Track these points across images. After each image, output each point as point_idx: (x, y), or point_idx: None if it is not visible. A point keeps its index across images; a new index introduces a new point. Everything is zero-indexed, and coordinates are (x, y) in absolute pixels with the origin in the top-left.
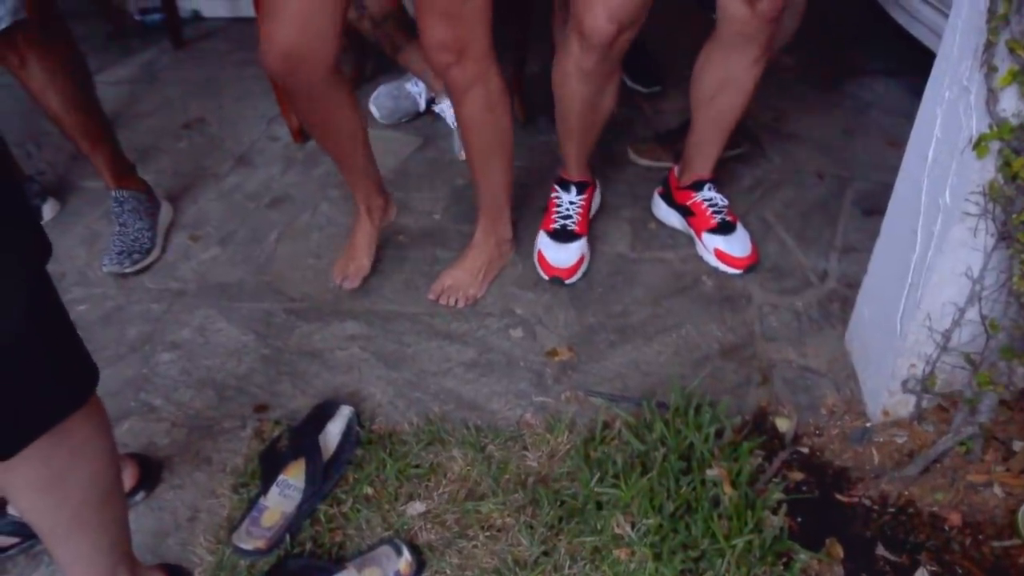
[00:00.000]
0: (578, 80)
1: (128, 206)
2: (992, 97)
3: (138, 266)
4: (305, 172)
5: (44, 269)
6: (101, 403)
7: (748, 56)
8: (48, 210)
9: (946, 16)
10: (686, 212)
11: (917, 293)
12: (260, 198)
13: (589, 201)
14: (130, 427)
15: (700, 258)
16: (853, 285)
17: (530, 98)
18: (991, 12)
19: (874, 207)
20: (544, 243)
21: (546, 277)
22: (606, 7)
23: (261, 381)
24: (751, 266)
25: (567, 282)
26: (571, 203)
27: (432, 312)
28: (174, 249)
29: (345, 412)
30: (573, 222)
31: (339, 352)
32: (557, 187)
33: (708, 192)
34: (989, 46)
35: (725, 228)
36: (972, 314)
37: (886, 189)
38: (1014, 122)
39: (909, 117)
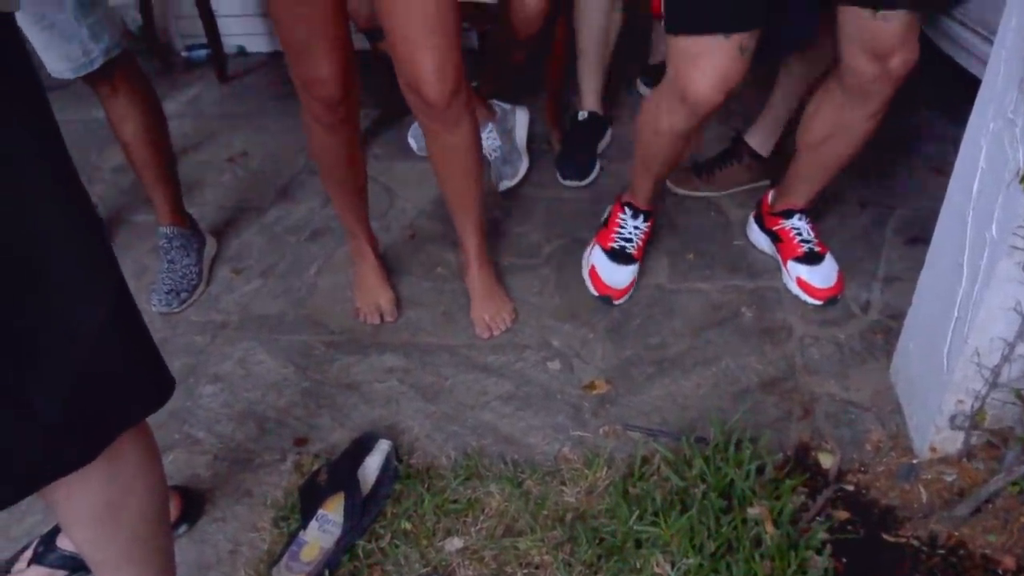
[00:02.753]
0: (670, 138)
1: (177, 242)
2: None
3: (186, 304)
4: None
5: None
6: (152, 435)
7: (866, 110)
8: None
9: (989, 42)
10: (775, 238)
11: (964, 328)
12: (300, 231)
13: (650, 230)
14: (174, 459)
15: (784, 287)
16: (897, 316)
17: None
18: None
19: (917, 236)
20: (599, 260)
21: (595, 294)
22: (719, 76)
23: (301, 414)
24: (832, 298)
25: (616, 303)
26: (636, 228)
27: (470, 344)
28: (217, 282)
29: (383, 446)
30: (633, 246)
31: (377, 385)
32: (625, 208)
33: (797, 221)
34: None
35: (811, 258)
36: (1022, 349)
37: (929, 218)
38: None
39: (952, 144)
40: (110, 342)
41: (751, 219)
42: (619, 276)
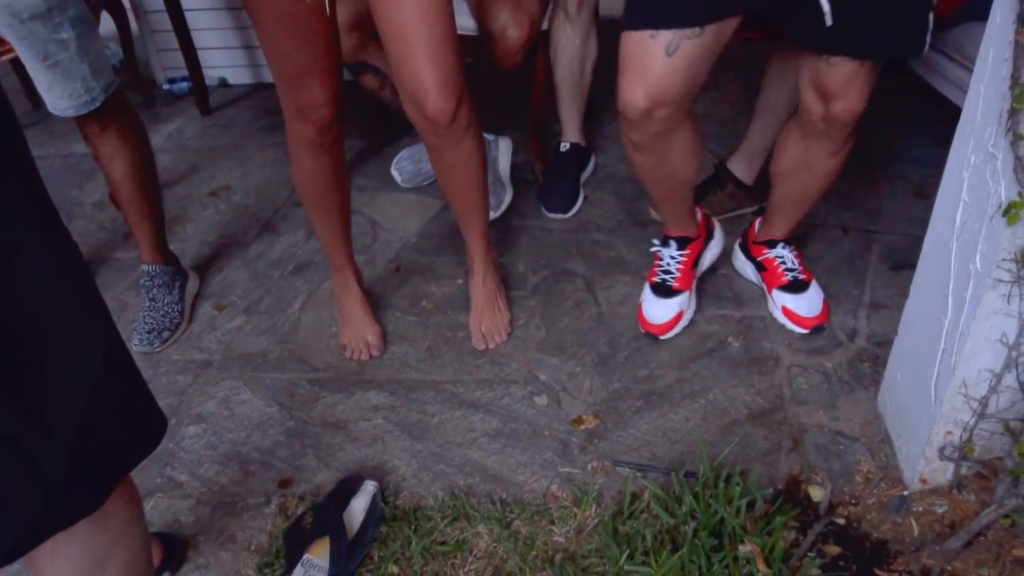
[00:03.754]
0: (633, 151)
1: (159, 280)
2: (1019, 164)
3: (167, 343)
4: None
5: (111, 319)
6: (133, 482)
7: (824, 148)
8: None
9: (969, 71)
10: (759, 267)
11: (951, 359)
12: (284, 265)
13: (694, 254)
14: (155, 504)
15: (770, 315)
16: (883, 344)
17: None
18: (1014, 79)
19: (902, 262)
20: (645, 296)
21: (641, 331)
22: (643, 81)
23: (285, 455)
24: (818, 326)
25: (661, 338)
26: (672, 258)
27: (456, 380)
28: (200, 319)
29: (369, 488)
30: (673, 277)
31: (363, 423)
32: (659, 245)
33: (781, 250)
34: (1014, 113)
35: (796, 287)
36: (1009, 380)
37: (913, 242)
38: None
39: (933, 167)
40: (107, 386)
41: (736, 247)
42: (661, 311)
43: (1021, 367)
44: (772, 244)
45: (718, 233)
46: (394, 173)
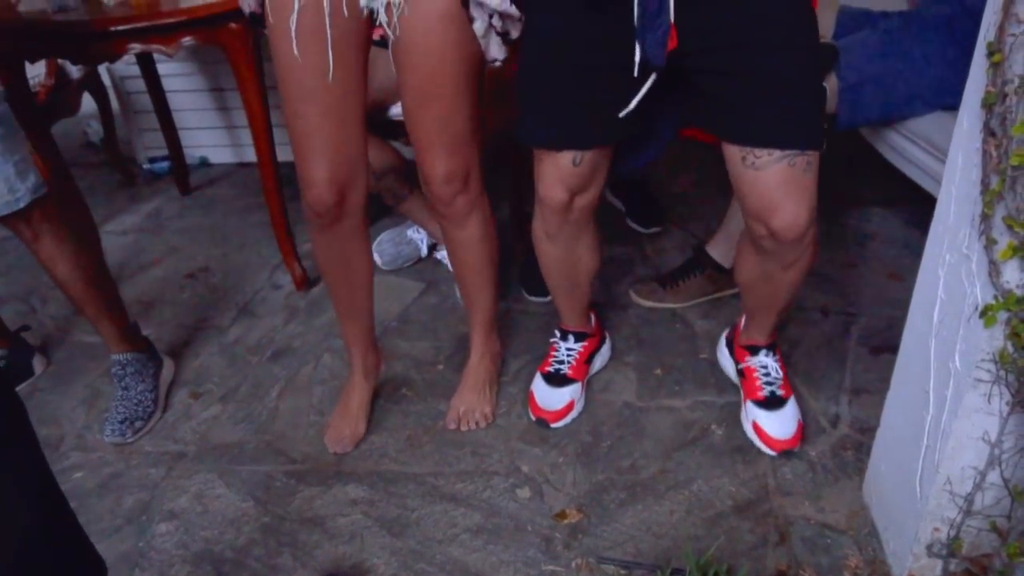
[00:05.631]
0: (546, 241)
1: (131, 368)
2: (994, 268)
3: (140, 433)
4: (307, 322)
5: (46, 465)
6: None
7: (778, 262)
8: (37, 365)
9: (937, 159)
10: (740, 373)
11: (935, 456)
12: (262, 351)
13: (589, 349)
14: None
15: (741, 426)
16: (866, 430)
17: None
18: (984, 184)
19: (882, 345)
20: (537, 384)
21: (532, 418)
22: (557, 179)
23: (260, 554)
24: (787, 451)
25: (552, 426)
26: (568, 350)
27: (436, 472)
28: (175, 408)
29: None
30: (567, 366)
31: (341, 519)
32: (556, 333)
33: (763, 358)
34: (986, 217)
35: (772, 403)
36: (994, 477)
37: (892, 326)
38: (1019, 293)
39: (909, 248)
40: (39, 540)
41: (722, 340)
42: (553, 398)
43: (1005, 464)
44: (755, 351)
45: (608, 341)
46: (374, 255)
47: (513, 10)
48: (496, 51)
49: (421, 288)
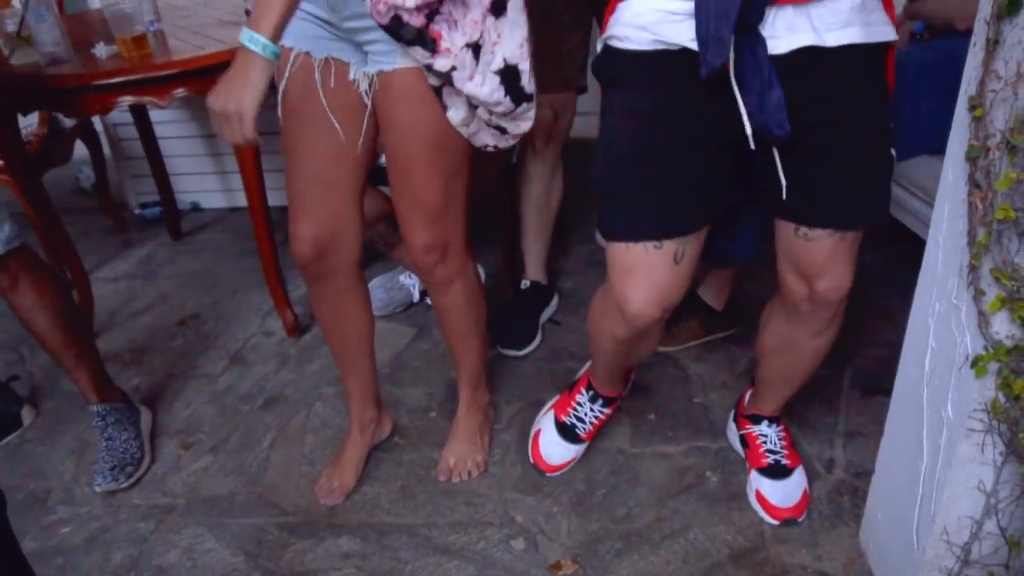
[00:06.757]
0: (613, 344)
1: (112, 418)
2: (983, 319)
3: (132, 479)
4: (299, 369)
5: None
6: None
7: (807, 329)
8: (26, 416)
9: (923, 202)
10: (743, 442)
11: (931, 505)
12: (254, 399)
13: (610, 416)
14: None
15: (745, 497)
16: (861, 475)
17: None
18: (971, 236)
19: (874, 387)
20: (546, 426)
21: (530, 461)
22: (654, 290)
23: None
24: (790, 519)
25: (546, 476)
26: (592, 411)
27: (429, 523)
28: (164, 458)
29: None
30: (584, 428)
31: (333, 573)
32: (584, 390)
33: (765, 428)
34: (973, 268)
35: (777, 472)
36: (990, 526)
37: (884, 368)
38: (1009, 344)
39: (898, 288)
40: None
41: (730, 416)
42: (559, 452)
43: (1001, 514)
44: (757, 420)
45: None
46: None
47: (504, 102)
48: (488, 138)
49: (413, 334)
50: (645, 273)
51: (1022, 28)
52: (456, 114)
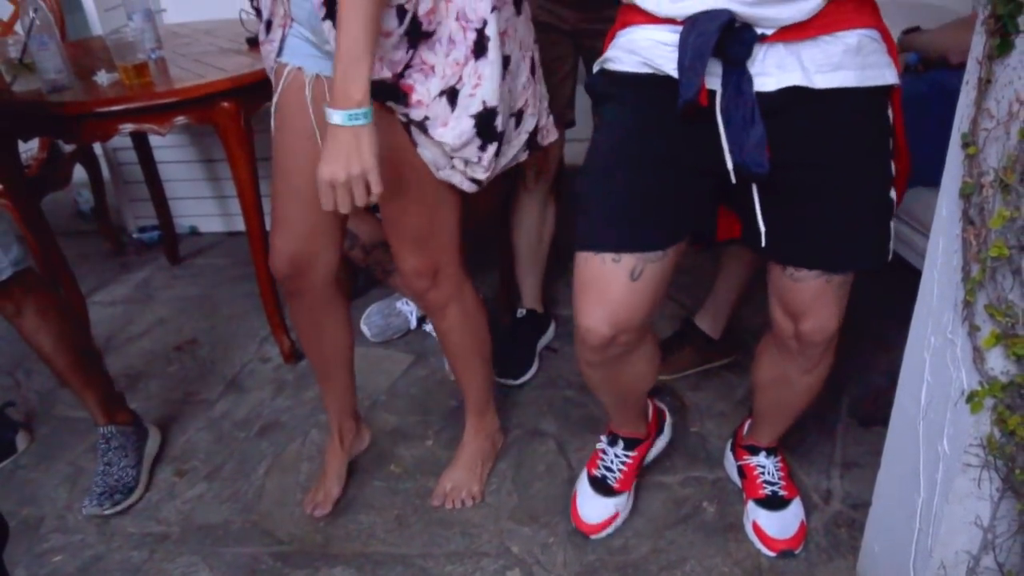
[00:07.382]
0: (587, 368)
1: (115, 442)
2: (978, 355)
3: (119, 507)
4: (296, 395)
5: None
6: None
7: (798, 365)
8: (21, 441)
9: (919, 232)
10: (740, 472)
11: (927, 540)
12: (250, 426)
13: (642, 454)
14: None
15: (733, 504)
16: (859, 506)
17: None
18: (965, 272)
19: (871, 417)
20: (581, 486)
21: (571, 526)
22: (606, 306)
23: None
24: (787, 551)
25: (591, 537)
26: (616, 456)
27: (425, 553)
28: (159, 486)
29: None
30: (615, 477)
31: None
32: (603, 437)
33: (763, 459)
34: (968, 304)
35: (774, 503)
36: (988, 561)
37: (880, 395)
38: (1004, 380)
39: (894, 316)
40: None
41: (728, 446)
42: (595, 509)
43: (999, 549)
44: (755, 451)
45: (667, 428)
46: (363, 327)
47: (470, 152)
48: (460, 182)
49: (410, 360)
50: (600, 287)
51: (1013, 68)
52: (430, 155)
